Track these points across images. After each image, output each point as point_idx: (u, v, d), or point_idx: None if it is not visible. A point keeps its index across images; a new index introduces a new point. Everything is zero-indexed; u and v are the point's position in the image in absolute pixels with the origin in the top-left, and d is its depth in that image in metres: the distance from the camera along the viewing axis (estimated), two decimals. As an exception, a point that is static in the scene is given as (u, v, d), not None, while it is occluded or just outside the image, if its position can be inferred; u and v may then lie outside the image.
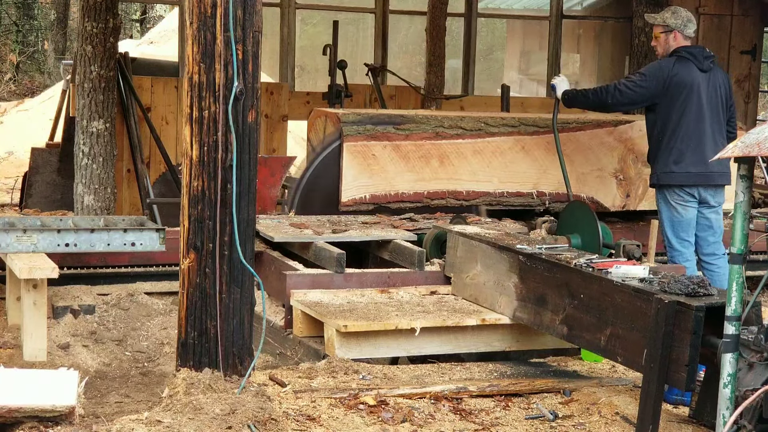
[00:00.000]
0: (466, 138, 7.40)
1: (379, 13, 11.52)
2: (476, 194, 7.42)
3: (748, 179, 3.86)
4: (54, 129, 11.05)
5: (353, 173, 7.13)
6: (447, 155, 7.35)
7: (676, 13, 6.83)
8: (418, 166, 7.27)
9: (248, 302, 4.69)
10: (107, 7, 8.83)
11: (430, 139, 7.30)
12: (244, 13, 4.52)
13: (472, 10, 11.87)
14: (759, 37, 12.24)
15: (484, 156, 7.46)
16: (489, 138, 7.46)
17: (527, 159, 7.56)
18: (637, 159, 7.78)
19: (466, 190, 7.40)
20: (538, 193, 7.55)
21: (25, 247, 6.03)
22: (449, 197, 7.34)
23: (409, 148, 7.25)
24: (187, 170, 4.58)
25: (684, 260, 6.65)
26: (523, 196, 7.55)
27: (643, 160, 7.69)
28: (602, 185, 7.71)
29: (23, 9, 24.71)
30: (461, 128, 7.41)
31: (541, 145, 7.57)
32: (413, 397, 4.76)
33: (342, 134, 7.08)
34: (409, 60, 16.95)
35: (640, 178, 7.78)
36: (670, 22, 6.80)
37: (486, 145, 7.46)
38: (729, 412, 3.87)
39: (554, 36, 12.04)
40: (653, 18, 6.97)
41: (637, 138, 7.74)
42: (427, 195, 7.29)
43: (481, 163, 7.45)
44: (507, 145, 7.50)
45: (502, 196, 7.47)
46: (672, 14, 6.83)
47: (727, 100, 6.85)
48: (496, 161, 7.47)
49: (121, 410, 5.07)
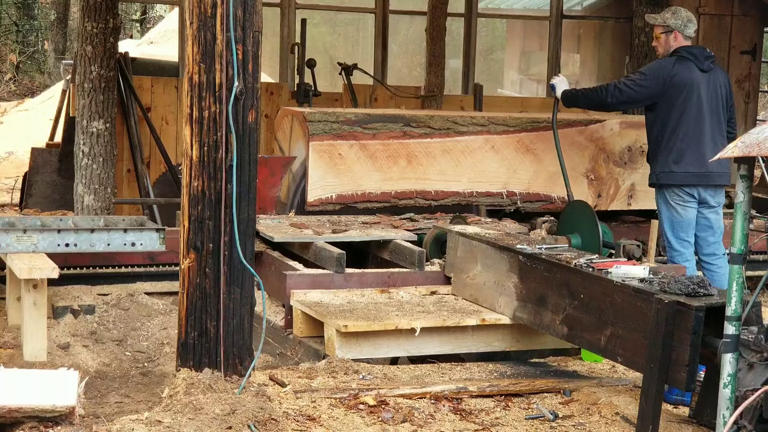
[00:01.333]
0: (434, 137, 7.33)
1: (379, 13, 11.52)
2: (445, 194, 7.37)
3: (748, 179, 3.86)
4: (54, 129, 11.05)
5: (319, 173, 7.08)
6: (415, 155, 7.28)
7: (676, 14, 6.84)
8: (386, 166, 7.20)
9: (248, 302, 4.69)
10: (107, 7, 8.84)
11: (397, 138, 7.24)
12: (244, 13, 4.52)
13: (472, 10, 11.86)
14: (759, 37, 12.24)
15: (452, 155, 7.39)
16: (458, 137, 7.40)
17: (497, 158, 7.50)
18: (609, 158, 7.73)
19: (435, 190, 7.36)
20: (508, 192, 7.50)
21: (25, 247, 6.03)
22: (417, 197, 7.28)
23: (377, 147, 7.18)
24: (187, 170, 4.58)
25: (684, 260, 6.65)
26: (493, 195, 7.50)
27: (614, 159, 7.67)
28: (573, 185, 7.60)
29: (23, 9, 24.72)
30: (430, 127, 7.34)
31: (510, 144, 7.51)
32: (413, 397, 4.76)
33: (308, 133, 7.03)
34: (409, 60, 16.95)
35: (612, 177, 7.74)
36: (671, 22, 6.81)
37: (455, 145, 7.39)
38: (729, 412, 3.87)
39: (554, 36, 12.04)
40: (653, 18, 6.98)
41: (609, 137, 7.71)
42: (394, 195, 7.23)
43: (450, 163, 7.38)
44: (476, 145, 7.44)
45: (471, 196, 7.42)
46: (672, 14, 6.84)
47: (727, 101, 6.85)
48: (465, 161, 7.42)
49: (121, 410, 5.07)
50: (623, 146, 7.81)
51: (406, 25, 16.13)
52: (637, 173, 7.86)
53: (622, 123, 7.87)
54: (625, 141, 7.84)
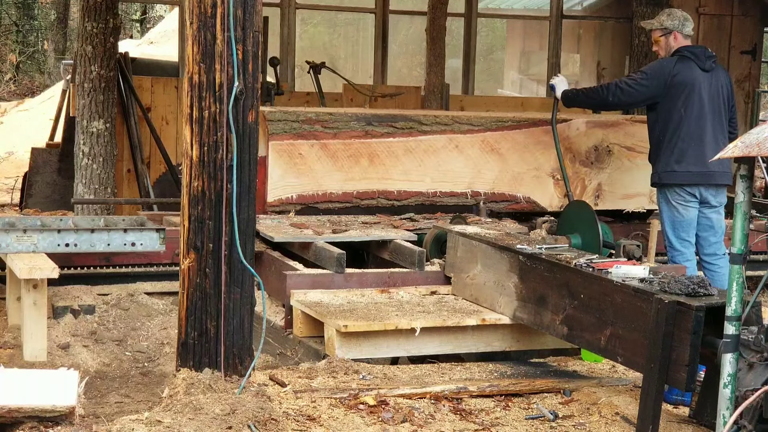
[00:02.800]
0: (397, 136, 7.22)
1: (379, 13, 11.52)
2: (408, 194, 7.26)
3: (748, 179, 3.86)
4: (54, 129, 11.06)
5: (279, 173, 6.98)
6: (377, 154, 7.17)
7: (671, 15, 6.85)
8: (347, 166, 7.10)
9: (248, 302, 4.69)
10: (107, 7, 8.84)
11: (359, 137, 7.13)
12: (244, 13, 4.52)
13: (472, 10, 11.87)
14: (759, 37, 12.24)
15: (416, 155, 7.28)
16: (421, 136, 7.29)
17: (461, 158, 7.38)
18: (575, 158, 7.63)
19: (398, 190, 7.24)
20: (472, 193, 7.39)
21: (25, 247, 6.03)
22: (380, 197, 7.18)
23: (338, 147, 7.07)
24: (187, 170, 4.58)
25: (684, 260, 6.65)
26: (457, 195, 7.38)
27: (580, 159, 7.58)
28: (539, 185, 7.55)
29: (23, 9, 24.73)
30: (392, 126, 7.22)
31: (475, 144, 7.40)
32: (413, 397, 4.76)
33: (267, 133, 6.90)
34: (409, 60, 16.96)
35: (578, 177, 7.63)
36: (667, 24, 6.81)
37: (418, 144, 7.28)
38: (729, 413, 3.87)
39: (554, 36, 12.04)
40: (650, 24, 6.98)
41: (575, 137, 7.61)
42: (356, 195, 7.13)
43: (413, 163, 7.27)
44: (440, 144, 7.34)
45: (435, 196, 7.31)
46: (668, 16, 6.84)
47: (729, 100, 6.85)
48: (428, 160, 7.30)
49: (121, 410, 5.07)
50: (590, 146, 7.66)
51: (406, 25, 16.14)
52: (604, 173, 7.73)
53: (588, 122, 7.74)
54: (592, 140, 7.69)
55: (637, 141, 7.75)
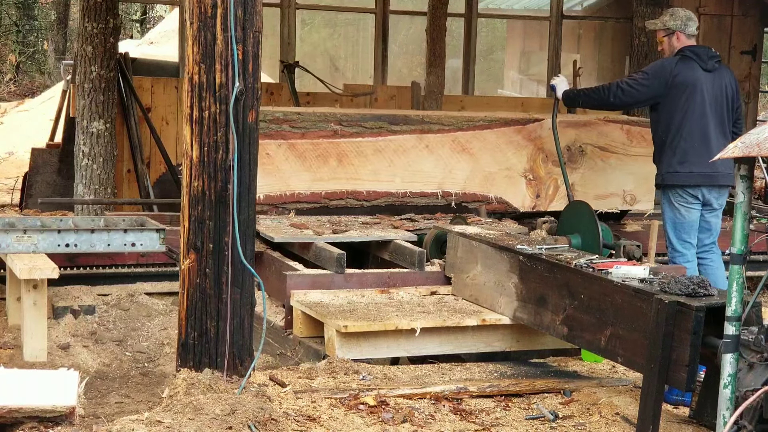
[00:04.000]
0: (366, 136, 7.13)
1: (379, 13, 11.52)
2: (378, 194, 7.18)
3: (748, 179, 3.86)
4: (54, 129, 11.05)
5: None
6: (346, 154, 7.09)
7: (674, 15, 6.84)
8: (315, 166, 7.02)
9: (248, 302, 4.69)
10: (107, 8, 8.83)
11: (327, 137, 7.05)
12: (244, 13, 4.52)
13: (472, 10, 11.87)
14: (759, 37, 12.24)
15: (385, 155, 7.20)
16: (391, 136, 7.20)
17: (431, 158, 7.31)
18: (547, 158, 7.54)
19: (367, 190, 7.15)
20: (443, 193, 7.31)
21: (26, 248, 6.03)
22: (349, 197, 7.11)
23: (306, 146, 6.98)
24: (187, 170, 4.58)
25: (685, 261, 6.65)
26: (428, 196, 7.30)
27: (553, 159, 7.51)
28: (511, 185, 7.48)
29: (23, 9, 24.73)
30: (361, 126, 7.12)
31: (446, 143, 7.33)
32: (413, 397, 4.76)
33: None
34: (409, 60, 16.95)
35: (551, 177, 7.55)
36: (670, 24, 6.80)
37: (387, 144, 7.20)
38: (729, 413, 3.87)
39: (554, 36, 12.04)
40: (653, 24, 6.97)
41: (547, 137, 7.52)
42: (325, 195, 7.05)
43: (383, 163, 7.19)
44: (410, 144, 7.26)
45: (405, 196, 7.24)
46: (671, 16, 6.84)
47: (734, 101, 6.82)
48: (398, 160, 7.23)
49: (122, 410, 5.07)
50: (562, 146, 7.55)
51: (406, 25, 16.13)
52: (577, 173, 7.65)
53: (561, 122, 7.62)
54: (564, 140, 7.58)
55: (611, 141, 7.70)
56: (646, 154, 7.68)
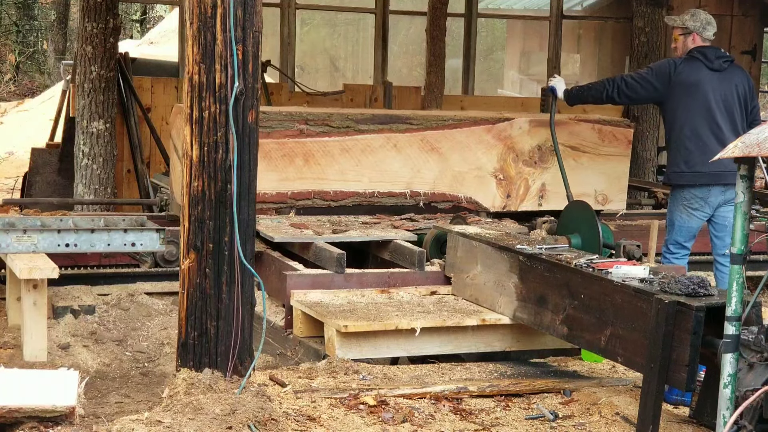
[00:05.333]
0: (333, 136, 7.03)
1: (379, 13, 11.53)
2: (345, 194, 7.09)
3: (749, 179, 3.86)
4: (54, 129, 11.06)
5: None
6: (312, 154, 6.99)
7: (695, 16, 6.81)
8: (281, 166, 6.92)
9: (248, 302, 4.69)
10: (107, 8, 8.85)
11: (293, 137, 6.94)
12: (244, 13, 4.52)
13: (472, 10, 11.87)
14: (759, 37, 12.25)
15: (352, 154, 7.11)
16: (358, 136, 7.10)
17: (399, 157, 7.21)
18: (518, 158, 7.45)
19: (334, 191, 7.06)
20: (411, 193, 7.22)
21: (26, 248, 6.03)
22: (315, 197, 7.02)
23: (271, 146, 6.87)
24: (187, 170, 4.58)
25: (671, 262, 6.64)
26: (396, 196, 7.20)
27: (524, 159, 7.45)
28: (481, 185, 7.38)
29: (23, 9, 24.73)
30: (328, 126, 7.02)
31: (414, 143, 7.24)
32: (413, 397, 4.76)
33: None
34: (409, 60, 16.95)
35: (521, 177, 7.47)
36: (689, 24, 6.77)
37: (355, 143, 7.10)
38: (729, 413, 3.87)
39: (554, 36, 12.05)
40: (673, 20, 6.94)
41: (517, 136, 7.44)
42: (291, 195, 6.95)
43: (350, 162, 7.09)
44: (377, 143, 7.15)
45: (372, 196, 7.14)
46: (691, 17, 6.81)
47: (747, 101, 6.76)
48: (366, 160, 7.13)
49: (122, 410, 5.07)
50: (533, 145, 7.47)
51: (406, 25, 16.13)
52: (548, 173, 7.53)
53: (531, 121, 7.54)
54: (535, 140, 7.49)
55: (582, 140, 7.61)
56: (617, 154, 7.61)
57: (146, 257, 6.84)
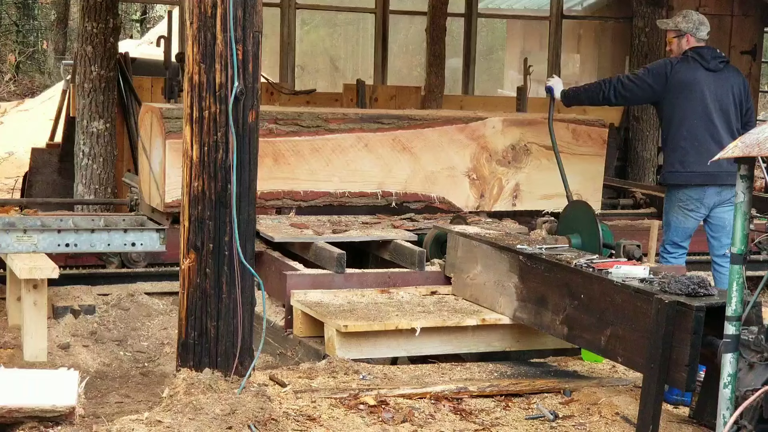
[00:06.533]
0: (303, 135, 6.96)
1: (379, 13, 11.53)
2: (315, 194, 7.04)
3: (748, 179, 3.86)
4: (54, 129, 11.06)
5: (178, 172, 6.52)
6: (282, 153, 6.94)
7: (687, 17, 6.81)
8: None
9: (248, 302, 4.69)
10: (107, 7, 8.85)
11: (263, 136, 6.67)
12: (244, 13, 4.52)
13: (472, 10, 11.88)
14: (759, 37, 12.24)
15: (323, 154, 7.04)
16: (328, 135, 7.04)
17: (371, 157, 7.15)
18: (491, 158, 7.41)
19: (304, 191, 7.00)
20: (383, 193, 7.16)
21: (26, 248, 6.03)
22: (285, 198, 6.97)
23: None
24: (187, 170, 4.58)
25: (668, 262, 6.64)
26: (367, 196, 7.15)
27: (497, 158, 7.42)
28: (454, 185, 7.34)
29: (23, 9, 24.72)
30: (298, 125, 6.94)
31: (385, 142, 7.18)
32: (413, 397, 4.76)
33: (165, 131, 6.61)
34: (409, 60, 16.93)
35: (495, 177, 7.43)
36: (682, 26, 6.77)
37: (325, 143, 7.04)
38: (729, 413, 3.87)
39: (554, 36, 12.05)
40: (665, 23, 6.94)
41: (491, 136, 7.40)
42: (260, 196, 6.75)
43: (321, 162, 7.03)
44: (348, 143, 7.09)
45: (343, 196, 7.09)
46: (683, 18, 6.81)
47: (742, 102, 6.76)
48: (336, 160, 7.07)
49: (122, 410, 5.07)
50: (506, 145, 7.43)
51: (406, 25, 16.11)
52: (522, 173, 7.51)
53: (505, 121, 7.50)
54: (509, 139, 7.46)
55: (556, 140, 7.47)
56: (592, 154, 7.55)
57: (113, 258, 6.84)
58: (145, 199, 7.05)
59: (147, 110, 7.06)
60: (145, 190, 7.06)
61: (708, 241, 6.79)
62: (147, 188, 7.03)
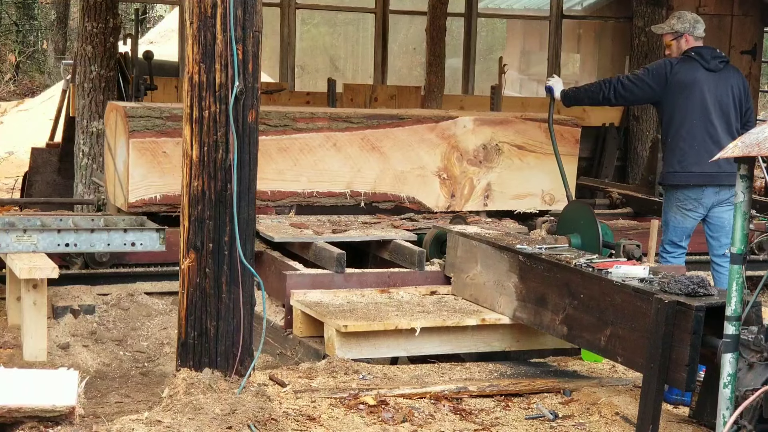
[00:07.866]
0: (270, 134, 6.89)
1: (379, 13, 11.52)
2: (283, 194, 6.99)
3: (748, 179, 3.86)
4: (54, 129, 11.06)
5: (141, 172, 6.61)
6: None
7: (681, 18, 6.80)
8: None
9: (248, 302, 4.69)
10: (107, 7, 8.84)
11: None
12: (244, 13, 4.52)
13: (472, 10, 11.87)
14: (759, 37, 12.24)
15: (290, 154, 6.99)
16: (296, 134, 6.99)
17: (339, 157, 7.10)
18: (462, 157, 7.37)
19: (271, 190, 6.94)
20: (351, 193, 7.14)
21: (25, 247, 6.03)
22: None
23: None
24: (187, 170, 4.58)
25: (669, 261, 6.64)
26: (336, 196, 7.11)
27: (468, 158, 7.38)
28: (424, 185, 7.31)
29: (23, 9, 24.73)
30: (264, 124, 6.84)
31: (354, 142, 7.13)
32: (413, 397, 4.76)
33: (128, 130, 6.56)
34: (409, 60, 16.94)
35: (466, 177, 7.39)
36: (678, 27, 6.77)
37: (292, 143, 6.99)
38: (729, 412, 3.87)
39: (554, 36, 12.05)
40: (660, 28, 6.93)
41: (461, 135, 7.36)
42: None
43: (288, 162, 6.98)
44: (316, 142, 7.05)
45: (311, 196, 7.05)
46: (678, 19, 6.80)
47: (742, 102, 6.75)
48: (304, 159, 7.03)
49: (121, 410, 5.07)
50: (478, 144, 7.40)
51: (406, 25, 16.13)
52: (493, 172, 7.48)
53: (476, 120, 7.45)
54: (480, 139, 7.42)
55: (528, 139, 7.53)
56: (565, 153, 7.50)
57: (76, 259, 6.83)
58: (111, 198, 7.00)
59: (112, 109, 7.00)
60: (111, 189, 7.01)
61: (707, 241, 6.79)
62: (112, 188, 6.99)
